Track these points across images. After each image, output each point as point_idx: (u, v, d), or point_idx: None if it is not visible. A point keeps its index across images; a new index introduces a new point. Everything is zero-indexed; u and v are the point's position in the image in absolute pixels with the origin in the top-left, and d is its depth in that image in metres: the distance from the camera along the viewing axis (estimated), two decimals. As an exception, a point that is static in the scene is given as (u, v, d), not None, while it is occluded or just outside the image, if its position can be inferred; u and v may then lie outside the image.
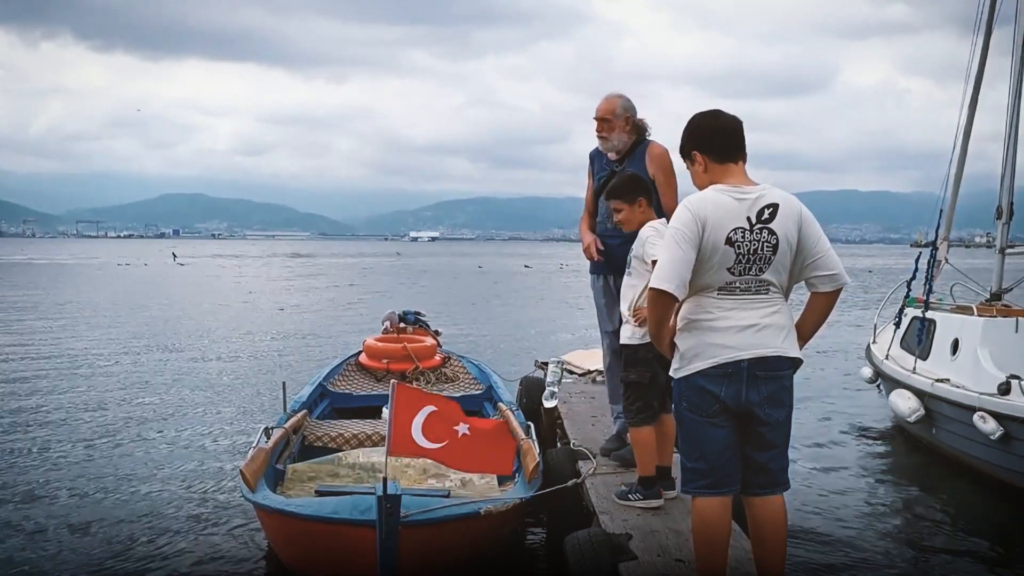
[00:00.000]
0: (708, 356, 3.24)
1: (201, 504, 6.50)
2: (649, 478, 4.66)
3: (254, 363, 14.21)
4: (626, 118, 5.41)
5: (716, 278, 3.23)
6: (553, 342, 16.36)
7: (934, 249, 9.41)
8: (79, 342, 16.50)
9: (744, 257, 3.20)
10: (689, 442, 3.34)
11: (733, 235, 3.19)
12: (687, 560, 3.89)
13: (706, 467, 3.29)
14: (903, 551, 5.87)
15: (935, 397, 7.69)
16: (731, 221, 3.18)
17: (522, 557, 5.57)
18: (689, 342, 3.28)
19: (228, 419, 9.64)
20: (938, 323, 8.60)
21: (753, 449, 3.32)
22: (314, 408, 7.41)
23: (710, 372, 3.23)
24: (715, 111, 3.41)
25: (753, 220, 3.19)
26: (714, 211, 3.20)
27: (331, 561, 4.32)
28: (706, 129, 3.35)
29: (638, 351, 4.61)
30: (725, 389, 3.23)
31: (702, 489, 3.32)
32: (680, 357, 3.31)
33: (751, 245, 3.20)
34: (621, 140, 5.41)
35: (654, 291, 3.20)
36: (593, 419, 6.64)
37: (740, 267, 3.21)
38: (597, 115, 5.41)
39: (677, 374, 3.34)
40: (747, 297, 3.25)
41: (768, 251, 3.21)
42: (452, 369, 8.88)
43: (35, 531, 5.87)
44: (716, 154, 3.32)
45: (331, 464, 5.82)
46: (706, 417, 3.26)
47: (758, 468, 3.34)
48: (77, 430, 8.98)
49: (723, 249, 3.19)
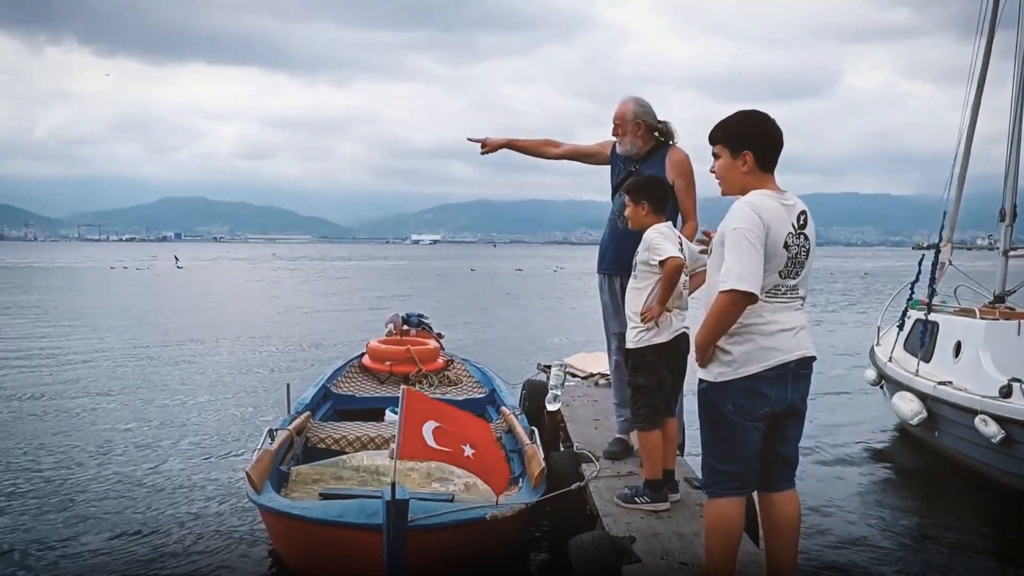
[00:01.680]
0: (762, 360, 3.23)
1: (205, 505, 6.51)
2: (656, 481, 4.66)
3: (258, 364, 14.24)
4: (638, 124, 5.45)
5: (768, 281, 3.23)
6: (554, 345, 16.35)
7: (937, 252, 9.41)
8: (83, 344, 16.50)
9: (791, 261, 3.25)
10: (726, 445, 3.31)
11: (788, 239, 3.23)
12: (691, 563, 3.89)
13: (740, 470, 3.31)
14: (904, 553, 5.88)
15: (937, 400, 7.69)
16: (785, 225, 3.23)
17: (526, 560, 5.57)
18: (742, 346, 3.24)
19: (232, 420, 9.66)
20: (941, 326, 8.61)
21: (779, 444, 3.38)
22: (317, 410, 7.41)
23: (765, 375, 3.23)
24: (770, 116, 3.39)
25: (796, 226, 3.26)
26: (774, 215, 3.22)
27: (337, 564, 4.32)
28: (767, 135, 3.35)
29: (644, 355, 4.62)
30: (776, 391, 3.26)
31: (731, 490, 3.33)
32: (729, 362, 3.25)
33: (796, 250, 3.26)
34: (635, 145, 5.48)
35: (736, 294, 3.12)
36: (596, 422, 6.63)
37: (787, 271, 3.26)
38: (618, 119, 5.50)
39: (724, 377, 3.26)
40: (787, 300, 3.30)
41: (804, 256, 3.29)
42: (455, 372, 8.88)
43: (38, 533, 5.88)
44: (765, 162, 3.34)
45: (335, 467, 5.82)
46: (751, 421, 3.26)
47: (783, 462, 3.42)
48: (81, 431, 8.99)
49: (780, 253, 3.22)
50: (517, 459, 6.13)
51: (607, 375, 8.06)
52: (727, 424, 3.28)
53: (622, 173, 5.56)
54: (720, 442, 3.33)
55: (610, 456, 5.57)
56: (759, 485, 3.43)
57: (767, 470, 3.40)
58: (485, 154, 6.12)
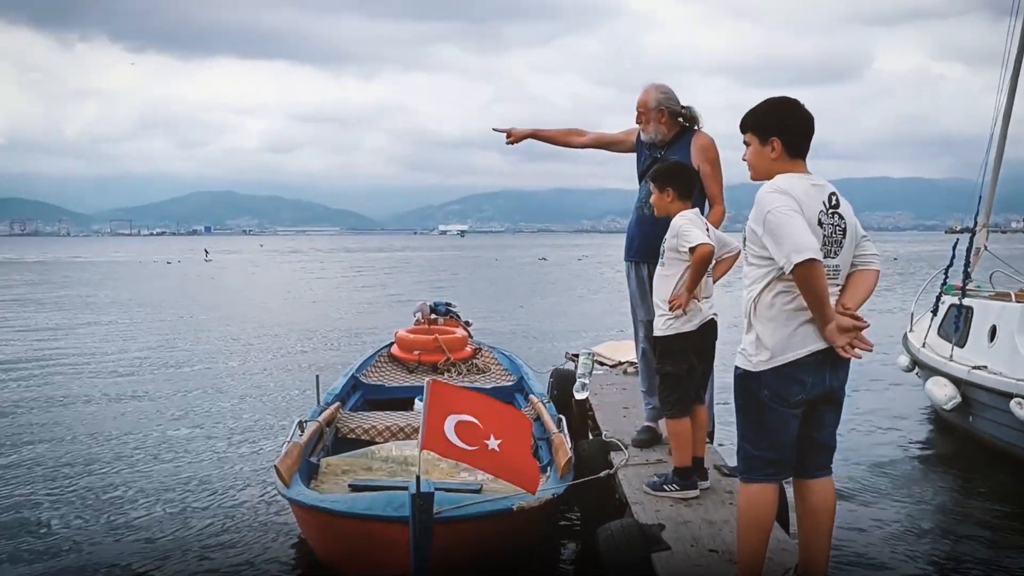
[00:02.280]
0: (800, 346, 3.19)
1: (236, 498, 6.55)
2: (686, 469, 4.64)
3: (288, 354, 14.33)
4: (661, 110, 5.44)
5: None
6: (580, 333, 16.32)
7: (972, 236, 9.28)
8: (116, 335, 16.70)
9: (828, 240, 3.21)
10: (762, 431, 3.29)
11: (822, 217, 3.20)
12: (720, 550, 3.87)
13: (775, 456, 3.30)
14: (939, 539, 5.81)
15: (972, 384, 7.59)
16: (816, 203, 3.21)
17: (554, 549, 5.56)
18: (780, 332, 3.20)
19: (262, 411, 9.71)
20: (975, 310, 8.49)
21: (816, 430, 3.34)
22: (347, 400, 7.44)
23: (804, 361, 3.20)
24: (799, 102, 3.36)
25: (827, 204, 3.23)
26: (802, 194, 3.19)
27: (365, 557, 4.33)
28: (795, 121, 3.32)
29: (673, 342, 4.59)
30: (813, 377, 3.22)
31: (766, 476, 3.32)
32: (767, 348, 3.22)
33: (830, 229, 3.22)
34: (659, 132, 5.47)
35: (801, 266, 3.03)
36: (624, 410, 6.61)
37: (825, 249, 3.19)
38: (643, 107, 5.48)
39: (763, 366, 3.23)
40: (830, 281, 3.22)
41: (840, 235, 3.25)
42: (483, 360, 8.88)
43: (68, 525, 5.95)
44: (794, 149, 3.30)
45: (365, 457, 5.83)
46: (787, 407, 3.23)
47: (819, 448, 3.38)
48: (113, 423, 9.09)
49: (816, 231, 3.16)
50: (545, 447, 6.12)
51: (635, 363, 8.04)
52: (762, 410, 3.26)
53: (647, 160, 5.54)
54: (755, 428, 3.31)
55: (639, 444, 5.55)
56: (795, 472, 3.40)
57: (803, 457, 3.37)
58: (511, 144, 6.13)
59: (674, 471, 4.67)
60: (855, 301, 3.25)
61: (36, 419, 9.27)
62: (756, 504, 3.32)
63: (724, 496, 4.58)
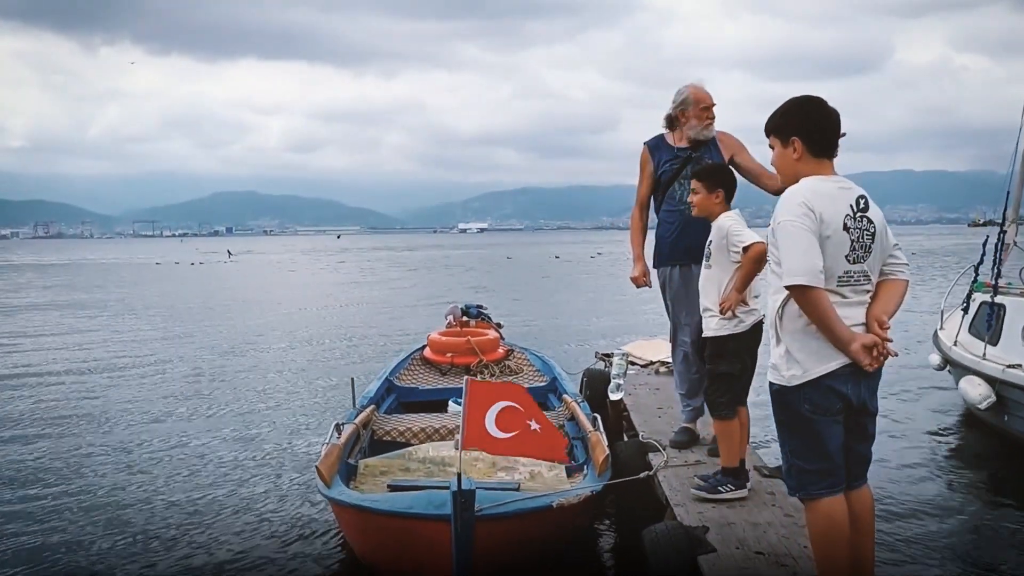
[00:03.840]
0: (833, 357, 3.14)
1: (275, 498, 6.63)
2: (736, 469, 4.68)
3: (322, 358, 14.41)
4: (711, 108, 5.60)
5: (836, 267, 3.15)
6: (605, 333, 16.34)
7: (1002, 232, 9.19)
8: (149, 339, 16.89)
9: (856, 244, 3.16)
10: (810, 443, 3.21)
11: (847, 222, 3.15)
12: (767, 552, 3.89)
13: (830, 466, 3.21)
14: (974, 539, 5.80)
15: (1007, 383, 7.54)
16: (842, 207, 3.15)
17: (593, 550, 5.59)
18: (810, 344, 3.16)
19: (299, 414, 9.79)
20: (1008, 308, 8.43)
21: (857, 441, 3.29)
22: (381, 403, 7.51)
23: (840, 372, 3.14)
24: (821, 100, 3.30)
25: (855, 208, 3.18)
26: (826, 199, 3.14)
27: (406, 555, 4.38)
28: (815, 119, 3.26)
29: (727, 343, 4.63)
30: (851, 387, 3.17)
31: (825, 490, 3.21)
32: (798, 362, 3.18)
33: (858, 233, 3.17)
34: (710, 130, 5.58)
35: (794, 290, 3.07)
36: (659, 411, 6.64)
37: (853, 255, 3.16)
38: (711, 102, 5.56)
39: (797, 380, 3.17)
40: (857, 286, 3.20)
41: (868, 239, 3.19)
42: (516, 361, 8.92)
43: (112, 526, 6.05)
44: (817, 147, 3.25)
45: (402, 459, 5.90)
46: (831, 415, 3.18)
47: (859, 459, 3.33)
48: (153, 426, 9.21)
49: (841, 236, 3.13)
50: (580, 446, 6.16)
51: (667, 363, 8.06)
52: (806, 422, 3.19)
53: (677, 162, 5.56)
54: (802, 441, 3.23)
55: (676, 445, 5.58)
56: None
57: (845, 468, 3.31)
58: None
59: (724, 472, 4.70)
60: (889, 312, 3.22)
61: (77, 425, 9.40)
62: (828, 518, 3.21)
63: (766, 497, 4.61)
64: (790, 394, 3.20)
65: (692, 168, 5.45)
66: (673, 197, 5.58)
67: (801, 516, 4.01)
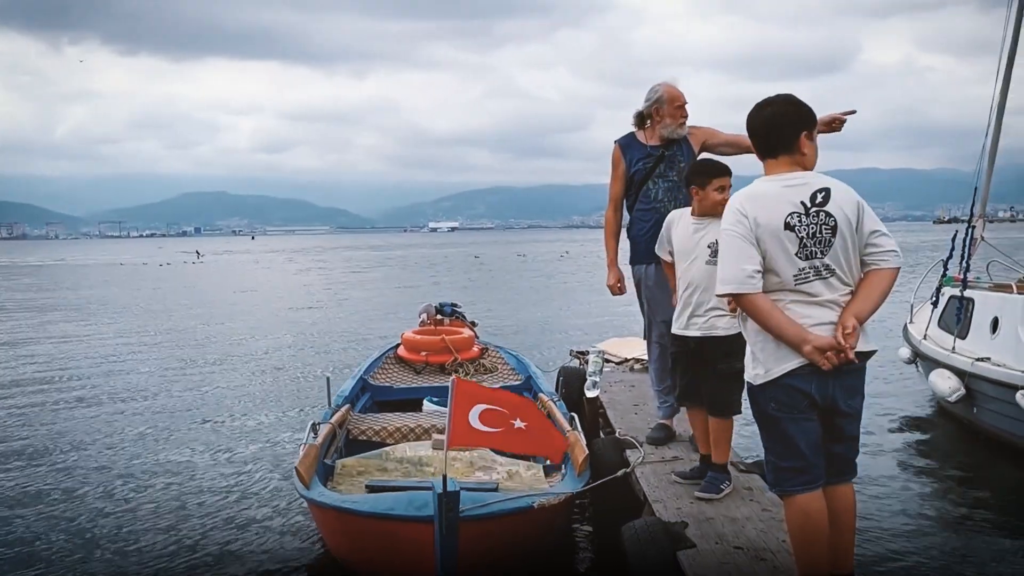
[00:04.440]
0: (792, 357, 3.16)
1: (250, 500, 6.57)
2: (725, 464, 4.76)
3: (295, 357, 14.34)
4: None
5: (785, 269, 3.17)
6: (581, 330, 16.37)
7: (970, 227, 9.31)
8: (116, 339, 16.70)
9: (808, 240, 3.16)
10: (782, 441, 3.25)
11: (792, 219, 3.16)
12: (746, 547, 3.90)
13: (803, 464, 3.22)
14: (944, 531, 5.86)
15: (976, 376, 7.64)
16: (783, 206, 3.16)
17: (573, 548, 5.60)
18: (769, 345, 3.20)
19: (274, 414, 9.74)
20: (976, 302, 8.54)
21: (832, 441, 3.29)
22: (356, 402, 7.45)
23: (800, 371, 3.17)
24: (762, 102, 3.34)
25: (808, 204, 3.17)
26: (763, 199, 3.19)
27: (387, 557, 4.34)
28: (750, 123, 3.35)
29: (738, 340, 4.62)
30: (815, 385, 3.18)
31: (800, 486, 3.23)
32: (763, 361, 3.23)
33: (811, 229, 3.16)
34: (684, 127, 5.58)
35: (727, 297, 3.26)
36: (635, 407, 6.65)
37: (806, 251, 3.16)
38: (684, 100, 5.56)
39: (760, 380, 3.23)
40: (828, 284, 3.19)
41: (827, 233, 3.17)
42: (491, 360, 8.90)
43: (84, 525, 5.99)
44: (760, 150, 3.33)
45: (379, 459, 5.86)
46: (799, 413, 3.20)
47: (835, 458, 3.31)
48: (122, 427, 9.11)
49: (784, 235, 3.15)
50: (558, 446, 6.15)
51: (642, 360, 8.08)
52: (774, 420, 3.24)
53: (650, 160, 5.54)
54: (775, 439, 3.28)
55: (653, 442, 5.59)
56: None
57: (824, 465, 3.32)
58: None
59: (720, 468, 4.72)
60: (860, 312, 3.18)
61: (46, 428, 9.28)
62: (804, 514, 3.24)
63: (744, 492, 4.62)
64: (757, 393, 3.26)
65: (665, 167, 5.46)
66: (648, 196, 5.56)
67: (779, 511, 4.05)
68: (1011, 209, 76.85)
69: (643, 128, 5.64)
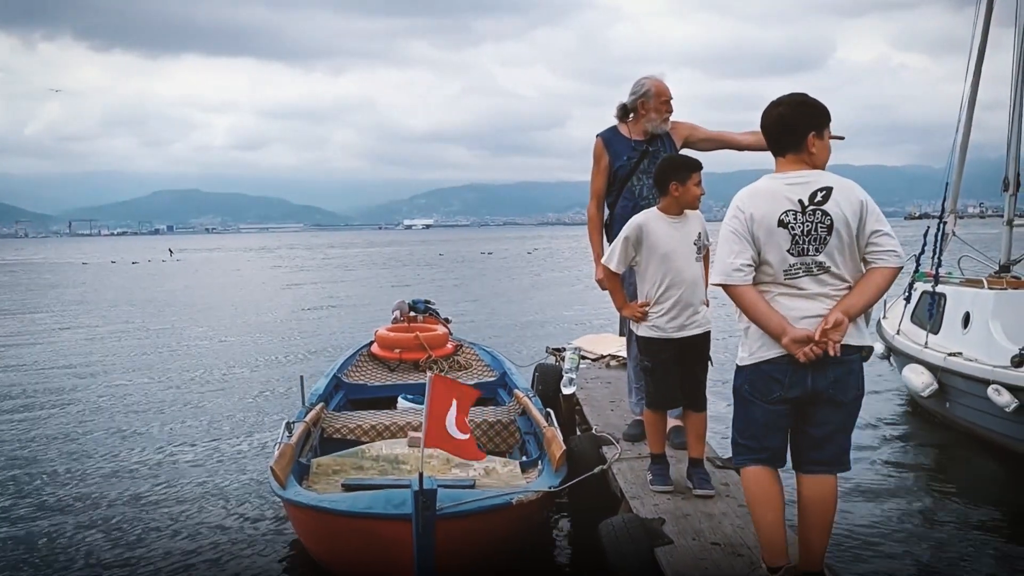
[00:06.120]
0: (773, 346, 3.30)
1: (225, 501, 6.51)
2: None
3: (267, 356, 14.25)
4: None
5: (779, 263, 3.29)
6: (553, 326, 16.38)
7: (942, 223, 9.39)
8: (87, 339, 16.51)
9: (802, 238, 3.25)
10: (744, 421, 3.46)
11: (787, 216, 3.25)
12: (723, 543, 3.91)
13: (758, 445, 3.42)
14: (917, 526, 5.89)
15: (948, 371, 7.71)
16: (780, 203, 3.27)
17: (550, 545, 5.59)
18: (759, 331, 3.34)
19: (248, 414, 9.66)
20: (948, 297, 8.61)
21: (810, 425, 3.38)
22: (330, 400, 7.40)
23: (778, 361, 3.29)
24: (773, 103, 3.43)
25: (806, 202, 3.26)
26: (763, 196, 3.32)
27: (365, 556, 4.32)
28: (765, 121, 3.45)
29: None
30: (791, 377, 3.28)
31: (752, 460, 3.45)
32: (750, 344, 3.39)
33: (806, 227, 3.25)
34: (667, 122, 5.55)
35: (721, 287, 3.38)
36: (612, 404, 6.64)
37: (799, 248, 3.26)
38: (669, 95, 5.51)
39: (743, 362, 3.42)
40: (819, 280, 3.27)
41: (823, 231, 3.25)
42: (465, 357, 8.87)
43: (57, 529, 5.90)
44: (773, 147, 3.43)
45: (355, 457, 5.82)
46: (766, 402, 3.35)
47: (812, 444, 3.39)
48: (95, 427, 9.01)
49: (778, 232, 3.26)
50: (534, 442, 6.14)
51: (619, 356, 8.08)
52: (744, 401, 3.44)
53: (635, 155, 5.50)
54: (739, 417, 3.48)
55: (630, 438, 5.57)
56: (794, 464, 3.47)
57: (797, 450, 3.45)
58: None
59: (705, 461, 4.76)
60: (849, 308, 3.24)
61: (17, 428, 9.14)
62: (757, 484, 3.44)
63: (720, 488, 4.62)
64: (738, 373, 3.46)
65: (649, 162, 5.44)
66: (631, 192, 5.50)
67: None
68: (981, 205, 77.92)
69: (625, 121, 5.59)
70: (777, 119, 3.38)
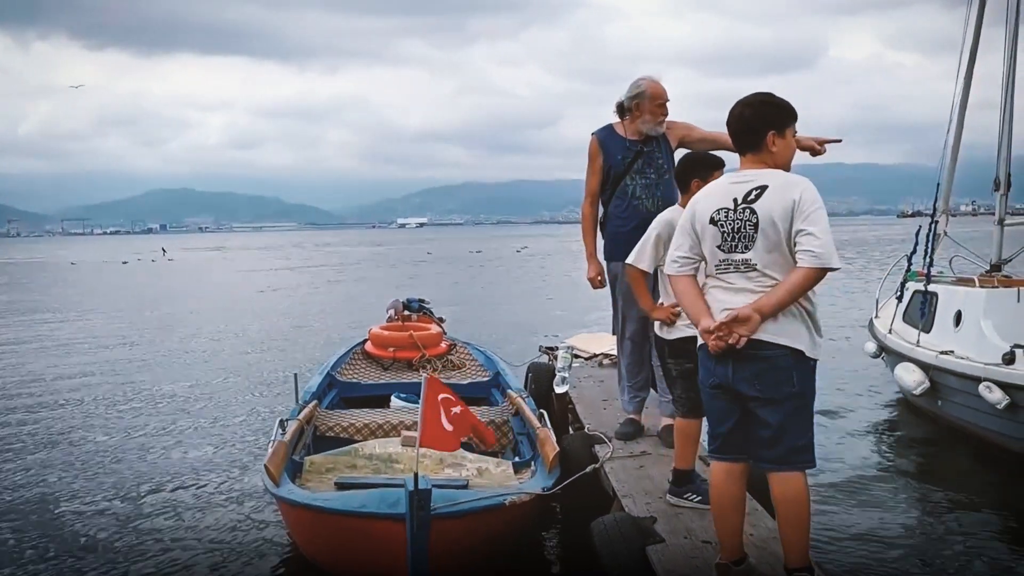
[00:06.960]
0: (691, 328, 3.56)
1: (219, 498, 6.52)
2: None
3: (261, 354, 14.26)
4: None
5: (712, 257, 3.42)
6: (546, 325, 16.39)
7: (933, 223, 9.41)
8: (85, 339, 16.48)
9: (730, 235, 3.34)
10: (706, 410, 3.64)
11: (717, 214, 3.37)
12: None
13: (714, 433, 3.54)
14: (909, 524, 5.93)
15: (940, 369, 7.74)
16: (718, 202, 3.38)
17: (543, 544, 5.60)
18: None
19: (241, 412, 9.67)
20: (940, 296, 8.64)
21: (756, 425, 3.39)
22: (323, 398, 7.39)
23: (704, 347, 3.44)
24: (737, 103, 3.45)
25: (739, 200, 3.32)
26: (705, 196, 3.48)
27: (358, 555, 4.32)
28: (727, 123, 3.50)
29: None
30: (713, 364, 3.40)
31: (715, 453, 3.55)
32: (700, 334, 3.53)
33: (735, 224, 3.33)
34: (664, 123, 5.54)
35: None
36: (604, 403, 6.65)
37: (727, 244, 3.36)
38: (666, 98, 5.50)
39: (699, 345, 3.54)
40: (745, 276, 3.34)
41: (750, 230, 3.30)
42: (458, 356, 8.87)
43: (53, 528, 5.90)
44: (736, 146, 3.49)
45: (348, 455, 5.82)
46: (708, 386, 3.49)
47: (763, 443, 3.37)
48: (91, 426, 9.01)
49: (708, 229, 3.40)
50: (527, 442, 6.15)
51: (611, 355, 8.09)
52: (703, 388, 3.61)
53: (629, 156, 5.50)
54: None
55: (622, 437, 5.58)
56: (754, 460, 3.48)
57: (753, 449, 3.43)
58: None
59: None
60: (761, 305, 3.23)
61: (10, 428, 9.12)
62: (713, 480, 3.56)
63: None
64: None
65: (643, 163, 5.44)
66: (626, 192, 5.50)
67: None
68: (973, 203, 77.91)
69: (622, 120, 5.58)
70: (738, 118, 3.42)
